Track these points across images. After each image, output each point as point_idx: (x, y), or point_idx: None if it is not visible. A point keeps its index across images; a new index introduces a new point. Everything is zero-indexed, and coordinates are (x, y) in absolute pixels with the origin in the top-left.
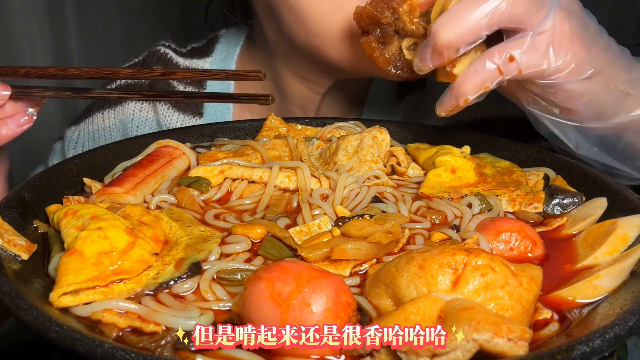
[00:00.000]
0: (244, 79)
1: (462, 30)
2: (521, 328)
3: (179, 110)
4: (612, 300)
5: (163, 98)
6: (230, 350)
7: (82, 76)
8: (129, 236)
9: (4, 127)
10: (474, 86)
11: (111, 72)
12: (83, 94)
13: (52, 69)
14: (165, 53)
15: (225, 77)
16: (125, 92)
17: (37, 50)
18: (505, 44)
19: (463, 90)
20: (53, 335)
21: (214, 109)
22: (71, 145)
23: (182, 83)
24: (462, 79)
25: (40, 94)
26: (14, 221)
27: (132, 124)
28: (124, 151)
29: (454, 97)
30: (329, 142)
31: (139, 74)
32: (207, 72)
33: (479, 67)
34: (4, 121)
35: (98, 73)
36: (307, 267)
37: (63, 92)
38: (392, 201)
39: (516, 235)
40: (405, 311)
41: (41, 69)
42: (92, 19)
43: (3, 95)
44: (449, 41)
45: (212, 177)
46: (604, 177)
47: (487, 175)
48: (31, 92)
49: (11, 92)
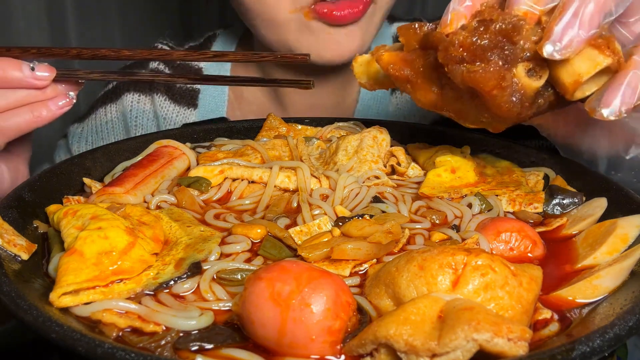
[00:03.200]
0: (292, 61)
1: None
2: (521, 328)
3: (175, 102)
4: (612, 300)
5: (210, 82)
6: (231, 350)
7: (135, 57)
8: (129, 236)
9: (45, 108)
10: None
11: (164, 54)
12: (129, 77)
13: (104, 50)
14: (162, 49)
15: (274, 59)
16: (172, 76)
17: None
18: None
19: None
20: (53, 335)
21: (208, 101)
22: (75, 139)
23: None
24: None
25: (85, 76)
26: (14, 221)
27: (131, 115)
28: (124, 151)
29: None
30: (329, 142)
31: (192, 55)
32: (257, 55)
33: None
34: (44, 103)
35: (151, 54)
36: (307, 267)
37: (109, 74)
38: (392, 201)
39: (516, 235)
40: (405, 311)
41: (93, 50)
42: (92, 19)
43: (47, 76)
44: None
45: (212, 177)
46: (604, 177)
47: (487, 175)
48: (76, 74)
49: (56, 74)
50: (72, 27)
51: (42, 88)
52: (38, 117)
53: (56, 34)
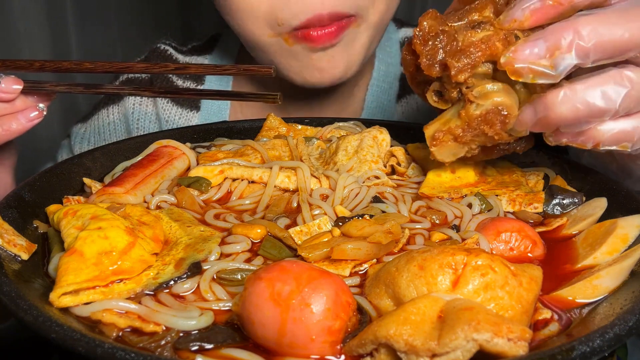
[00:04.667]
0: (255, 73)
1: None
2: (521, 328)
3: (177, 105)
4: (612, 300)
5: (173, 95)
6: (231, 350)
7: (96, 70)
8: (129, 236)
9: (15, 121)
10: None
11: (125, 67)
12: (94, 90)
13: (66, 63)
14: (165, 50)
15: (236, 72)
16: (137, 89)
17: (37, 51)
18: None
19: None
20: (53, 335)
21: (211, 104)
22: (77, 140)
23: (181, 78)
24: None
25: (52, 88)
26: (14, 221)
27: (133, 117)
28: (124, 151)
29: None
30: (329, 142)
31: (152, 68)
32: (220, 67)
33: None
34: (14, 116)
35: (112, 67)
36: (307, 267)
37: (75, 87)
38: (392, 201)
39: (516, 235)
40: (405, 311)
41: (56, 62)
42: (92, 20)
43: (15, 89)
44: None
45: (212, 177)
46: (604, 177)
47: (487, 175)
48: (43, 86)
49: (23, 87)
50: (72, 29)
51: (10, 101)
52: (7, 130)
53: (56, 35)
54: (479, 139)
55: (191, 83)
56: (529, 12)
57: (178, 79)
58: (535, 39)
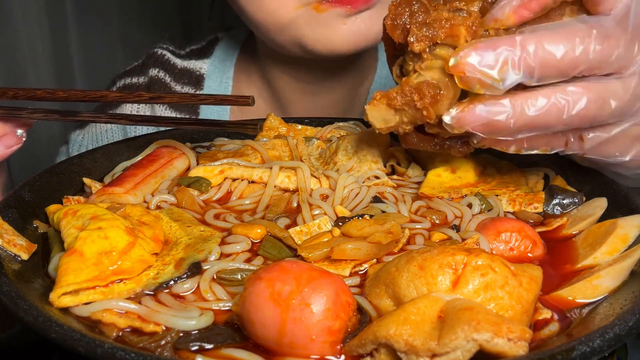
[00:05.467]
0: (233, 104)
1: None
2: (521, 328)
3: (176, 110)
4: (612, 300)
5: (150, 123)
6: (231, 350)
7: (70, 99)
8: (129, 236)
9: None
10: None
11: (99, 96)
12: (71, 117)
13: (39, 92)
14: (162, 55)
15: (214, 102)
16: (112, 117)
17: (37, 51)
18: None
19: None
20: (53, 336)
21: (210, 109)
22: (75, 147)
23: (179, 84)
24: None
25: (28, 115)
26: (14, 221)
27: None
28: (124, 151)
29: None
30: (329, 142)
31: (126, 97)
32: (196, 97)
33: (545, 135)
34: None
35: (86, 96)
36: (307, 267)
37: (51, 114)
38: (392, 201)
39: (516, 235)
40: (405, 311)
41: (29, 90)
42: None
43: None
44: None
45: (212, 177)
46: (604, 177)
47: (487, 175)
48: (20, 113)
49: (0, 113)
50: (72, 29)
51: None
52: None
53: (56, 35)
54: (410, 112)
55: (190, 88)
56: (509, 10)
57: (176, 84)
58: (483, 47)
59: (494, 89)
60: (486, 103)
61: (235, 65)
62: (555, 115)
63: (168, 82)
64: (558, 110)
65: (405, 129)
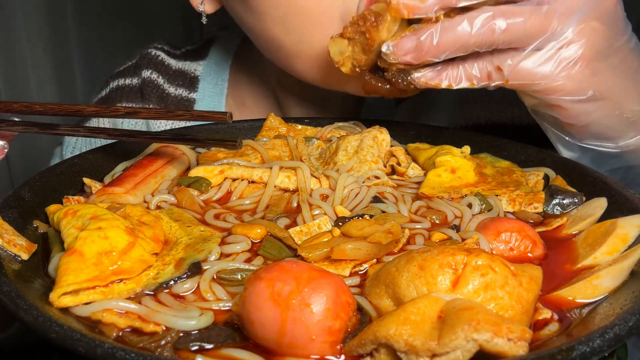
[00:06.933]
0: (209, 120)
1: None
2: (521, 328)
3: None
4: (612, 300)
5: (130, 138)
6: (231, 350)
7: (46, 113)
8: (129, 236)
9: None
10: (456, 78)
11: (75, 110)
12: (50, 130)
13: (16, 105)
14: (156, 55)
15: (190, 117)
16: (92, 131)
17: (37, 51)
18: (497, 53)
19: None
20: (53, 336)
21: (207, 108)
22: (69, 148)
23: (173, 85)
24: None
25: (8, 128)
26: (14, 221)
27: (122, 127)
28: (124, 151)
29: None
30: (329, 142)
31: (103, 112)
32: (172, 113)
33: (467, 69)
34: None
35: (62, 110)
36: (307, 267)
37: (31, 127)
38: (392, 201)
39: (516, 235)
40: (405, 311)
41: (7, 103)
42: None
43: None
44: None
45: (212, 177)
46: (604, 177)
47: (487, 175)
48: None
49: None
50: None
51: None
52: None
53: (57, 34)
54: (359, 40)
55: (184, 90)
56: None
57: (170, 86)
58: None
59: (419, 9)
60: (414, 30)
61: (231, 67)
62: (474, 34)
63: (161, 83)
64: (476, 27)
65: (359, 60)
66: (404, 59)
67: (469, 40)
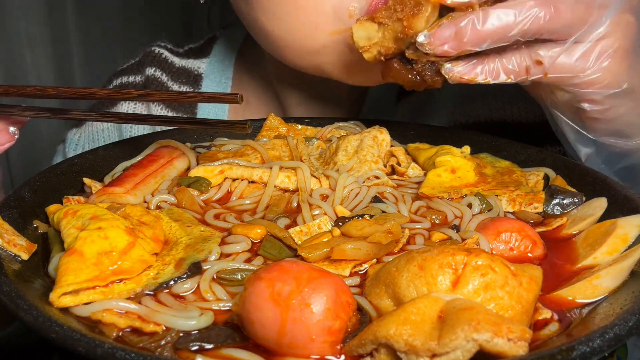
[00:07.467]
0: (220, 101)
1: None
2: (521, 328)
3: (172, 110)
4: (612, 300)
5: (140, 122)
6: (231, 350)
7: (60, 96)
8: (129, 236)
9: None
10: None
11: (88, 93)
12: (61, 115)
13: (29, 89)
14: (160, 53)
15: (202, 99)
16: (103, 115)
17: (37, 51)
18: (536, 47)
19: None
20: (53, 336)
21: (208, 109)
22: (71, 147)
23: (177, 83)
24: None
25: (20, 113)
26: (14, 221)
27: (126, 131)
28: (124, 151)
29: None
30: (329, 142)
31: (115, 95)
32: (184, 95)
33: (504, 63)
34: None
35: (75, 93)
36: (307, 267)
37: (43, 112)
38: (392, 201)
39: (516, 235)
40: (405, 311)
41: (19, 88)
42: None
43: None
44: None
45: (212, 177)
46: (604, 177)
47: (487, 175)
48: (11, 111)
49: None
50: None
51: None
52: None
53: (57, 34)
54: (391, 27)
55: (187, 88)
56: None
57: (174, 84)
58: None
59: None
60: (451, 17)
61: (235, 65)
62: (519, 21)
63: (165, 81)
64: (521, 15)
65: (388, 48)
66: (440, 49)
67: (513, 29)
